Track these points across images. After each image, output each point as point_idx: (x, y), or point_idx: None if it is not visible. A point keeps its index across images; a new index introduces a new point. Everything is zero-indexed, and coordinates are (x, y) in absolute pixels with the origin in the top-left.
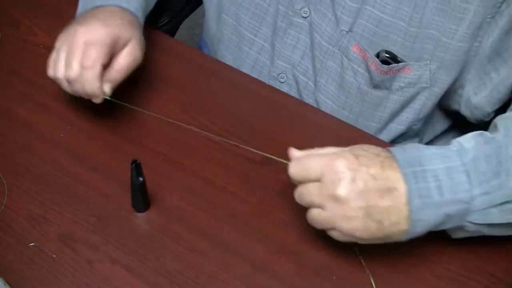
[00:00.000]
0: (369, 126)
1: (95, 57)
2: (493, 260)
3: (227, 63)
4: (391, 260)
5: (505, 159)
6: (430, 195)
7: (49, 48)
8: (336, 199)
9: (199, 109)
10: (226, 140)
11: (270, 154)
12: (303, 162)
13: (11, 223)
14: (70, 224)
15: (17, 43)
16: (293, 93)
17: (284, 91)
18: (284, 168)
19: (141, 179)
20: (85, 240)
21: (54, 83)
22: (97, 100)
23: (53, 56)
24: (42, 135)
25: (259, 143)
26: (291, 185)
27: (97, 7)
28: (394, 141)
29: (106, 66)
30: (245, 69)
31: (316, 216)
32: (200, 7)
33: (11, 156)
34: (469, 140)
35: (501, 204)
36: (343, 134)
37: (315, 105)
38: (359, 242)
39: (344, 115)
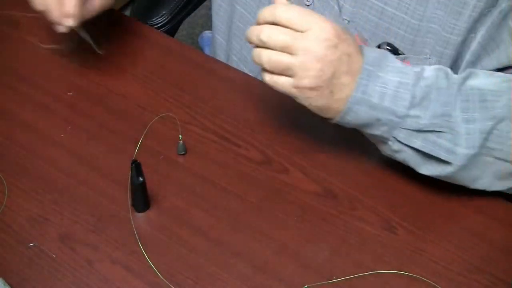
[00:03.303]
0: None
1: None
2: (493, 260)
3: (235, 52)
4: (391, 261)
5: (453, 97)
6: (371, 95)
7: (49, 48)
8: (312, 54)
9: (199, 109)
10: (226, 140)
11: (271, 154)
12: (296, 8)
13: (11, 223)
14: (70, 224)
15: (17, 43)
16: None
17: None
18: (284, 168)
19: (141, 179)
20: (85, 240)
21: (54, 83)
22: (62, 29)
23: None
24: (42, 135)
25: (259, 143)
26: (291, 185)
27: None
28: None
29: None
30: (251, 58)
31: (284, 58)
32: (200, 7)
33: (11, 156)
34: (431, 70)
35: (427, 131)
36: (342, 133)
37: None
38: (298, 99)
39: None
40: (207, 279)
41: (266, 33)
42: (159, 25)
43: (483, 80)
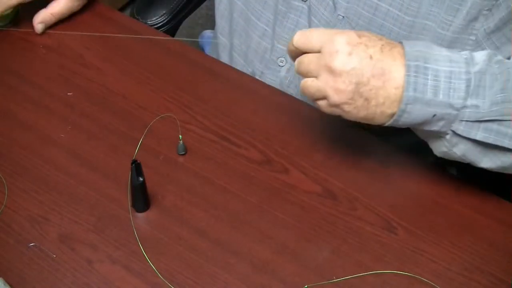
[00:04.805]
0: None
1: None
2: (494, 260)
3: (235, 48)
4: (391, 261)
5: (510, 81)
6: (424, 91)
7: (49, 48)
8: (330, 70)
9: (199, 109)
10: (226, 140)
11: (271, 154)
12: (307, 33)
13: (11, 223)
14: (70, 224)
15: (17, 43)
16: (292, 76)
17: (283, 74)
18: (284, 168)
19: (141, 179)
20: (85, 240)
21: (54, 83)
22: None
23: None
24: (42, 135)
25: (259, 143)
26: (291, 185)
27: None
28: None
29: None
30: (250, 54)
31: (310, 83)
32: (200, 7)
33: (11, 156)
34: (482, 54)
35: (487, 121)
36: (343, 134)
37: None
38: (343, 116)
39: None
40: (207, 279)
41: (295, 65)
42: (159, 25)
43: None
